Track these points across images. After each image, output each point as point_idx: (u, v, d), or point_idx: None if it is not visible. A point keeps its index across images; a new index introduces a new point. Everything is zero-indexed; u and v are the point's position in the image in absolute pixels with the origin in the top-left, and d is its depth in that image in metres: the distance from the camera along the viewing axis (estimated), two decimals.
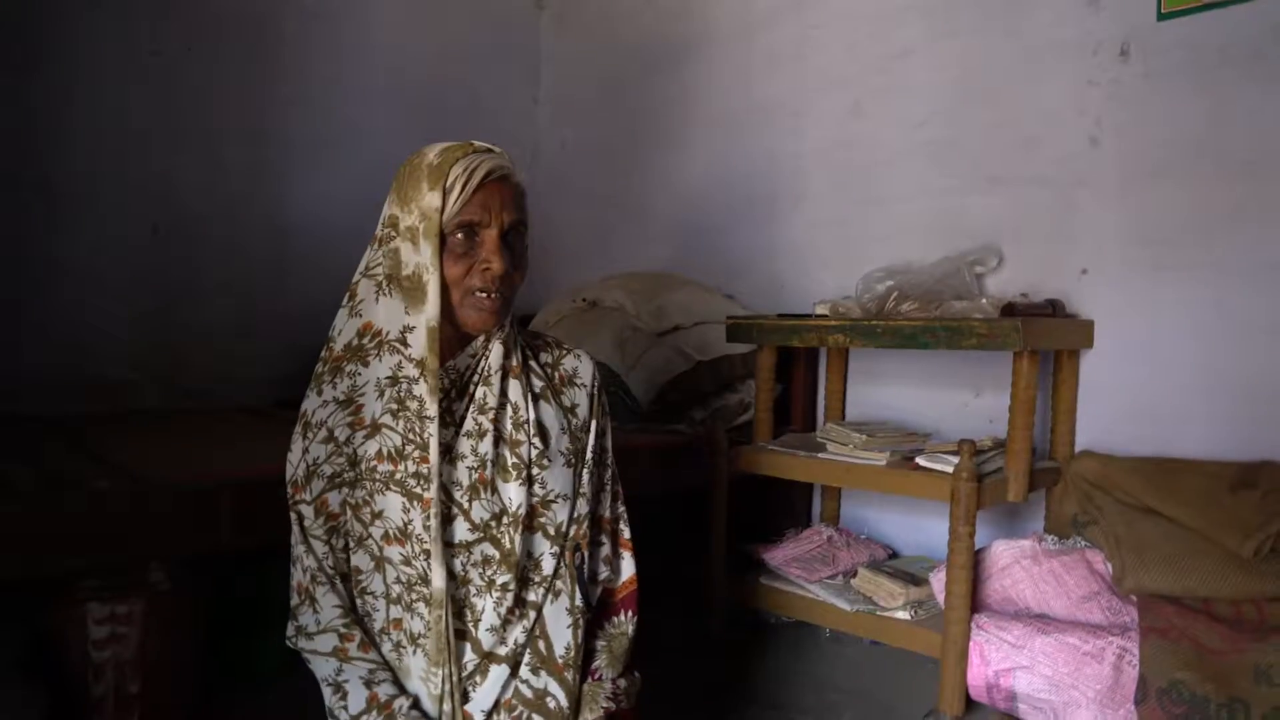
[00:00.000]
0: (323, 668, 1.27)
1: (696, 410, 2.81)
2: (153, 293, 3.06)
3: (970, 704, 2.14)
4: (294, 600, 1.30)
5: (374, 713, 1.24)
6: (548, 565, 1.33)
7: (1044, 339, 2.25)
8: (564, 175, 4.11)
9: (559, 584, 1.34)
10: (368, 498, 1.26)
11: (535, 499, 1.31)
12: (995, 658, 2.07)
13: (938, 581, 2.24)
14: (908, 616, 2.30)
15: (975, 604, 2.23)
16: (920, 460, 2.26)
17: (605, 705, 1.36)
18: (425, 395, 1.23)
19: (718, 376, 2.84)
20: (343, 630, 1.27)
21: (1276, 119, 2.22)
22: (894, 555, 2.74)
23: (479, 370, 1.30)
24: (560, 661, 1.34)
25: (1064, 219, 2.58)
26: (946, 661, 2.10)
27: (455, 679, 1.27)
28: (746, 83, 3.38)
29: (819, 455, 2.43)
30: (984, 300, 2.38)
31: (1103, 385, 2.50)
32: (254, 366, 3.21)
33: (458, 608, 1.28)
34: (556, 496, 1.33)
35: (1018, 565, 2.22)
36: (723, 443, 2.52)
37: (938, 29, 2.86)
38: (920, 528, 2.79)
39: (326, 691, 1.27)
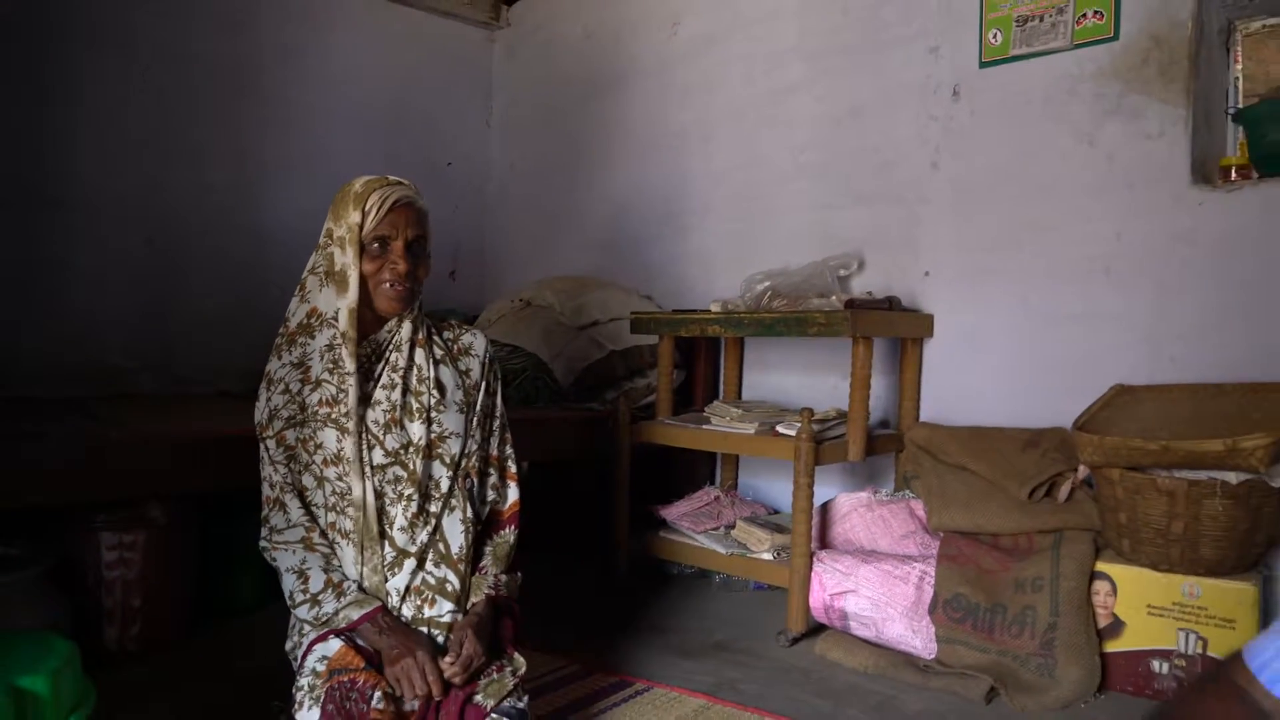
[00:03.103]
0: (289, 559, 1.71)
1: (609, 392, 3.31)
2: (148, 294, 3.50)
3: (815, 626, 2.64)
4: (265, 511, 1.76)
5: (329, 590, 1.69)
6: (444, 485, 1.82)
7: (874, 328, 2.76)
8: (512, 191, 4.60)
9: (454, 501, 1.83)
10: (312, 434, 1.75)
11: (434, 434, 1.80)
12: (830, 584, 2.57)
13: None
14: (771, 557, 2.79)
15: (824, 544, 2.74)
16: (779, 428, 2.76)
17: (488, 591, 1.84)
18: (345, 357, 1.73)
19: (629, 364, 3.34)
20: (307, 525, 1.74)
21: (1062, 152, 2.75)
22: (775, 513, 3.24)
23: (392, 342, 1.80)
24: (455, 558, 1.82)
25: (912, 230, 3.10)
26: (792, 588, 2.60)
27: (378, 565, 1.76)
28: (665, 111, 3.89)
29: (703, 427, 2.93)
30: (834, 298, 2.88)
31: (942, 368, 3.02)
32: (236, 357, 3.60)
33: (378, 514, 1.76)
34: (450, 434, 1.82)
35: (855, 513, 2.73)
36: (625, 417, 3.01)
37: (817, 68, 3.37)
38: None
39: (289, 580, 1.70)
